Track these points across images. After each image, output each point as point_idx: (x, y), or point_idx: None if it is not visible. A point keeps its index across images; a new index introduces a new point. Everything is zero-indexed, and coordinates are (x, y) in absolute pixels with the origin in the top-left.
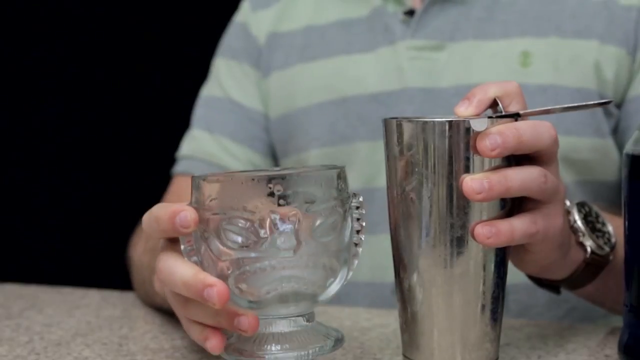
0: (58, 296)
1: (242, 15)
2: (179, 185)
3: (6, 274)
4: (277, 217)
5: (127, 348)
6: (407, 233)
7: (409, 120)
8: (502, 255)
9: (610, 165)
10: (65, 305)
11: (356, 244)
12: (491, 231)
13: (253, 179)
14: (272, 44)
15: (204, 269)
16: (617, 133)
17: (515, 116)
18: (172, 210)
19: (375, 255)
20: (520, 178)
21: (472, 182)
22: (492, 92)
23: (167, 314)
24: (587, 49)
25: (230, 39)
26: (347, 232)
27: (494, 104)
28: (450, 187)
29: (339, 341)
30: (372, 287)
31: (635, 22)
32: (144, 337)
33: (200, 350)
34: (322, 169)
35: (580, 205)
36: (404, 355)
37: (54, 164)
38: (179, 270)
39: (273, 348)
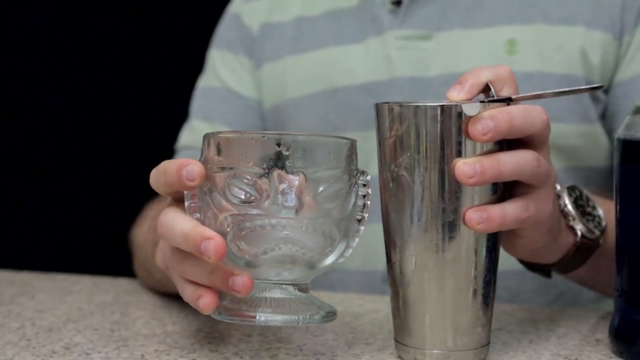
0: (50, 282)
1: (235, 6)
2: None
3: None
4: (282, 176)
5: (119, 334)
6: (398, 218)
7: (401, 104)
8: (493, 240)
9: (599, 150)
10: (57, 291)
11: (359, 220)
12: (482, 217)
13: (263, 136)
14: (264, 34)
15: (204, 224)
16: (606, 118)
17: (507, 101)
18: (179, 163)
19: (366, 243)
20: (513, 162)
21: (465, 166)
22: (484, 76)
23: (162, 296)
24: (573, 35)
25: (223, 29)
26: (351, 204)
27: (486, 89)
28: (442, 172)
29: (330, 314)
30: (364, 275)
31: (621, 7)
32: (135, 323)
33: (192, 335)
34: (332, 137)
35: (571, 189)
36: (396, 340)
37: (46, 152)
38: (179, 223)
39: (264, 311)
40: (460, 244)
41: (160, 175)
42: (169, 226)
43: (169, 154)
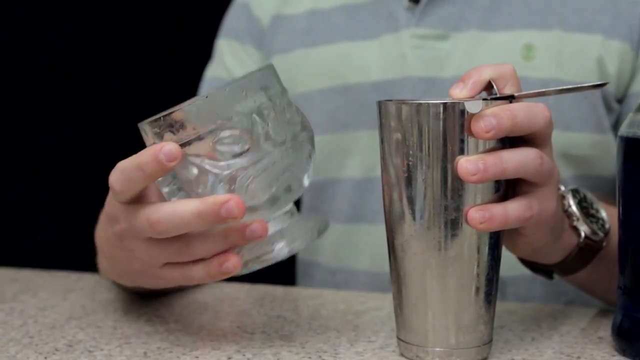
0: (52, 280)
1: None
2: None
3: (0, 257)
4: (261, 114)
5: (122, 331)
6: (401, 216)
7: (404, 102)
8: (496, 238)
9: (610, 160)
10: (60, 288)
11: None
12: (484, 216)
13: (226, 89)
14: (275, 26)
15: (200, 196)
16: (617, 128)
17: (510, 98)
18: (153, 151)
19: (375, 244)
20: (516, 159)
21: (467, 164)
22: (486, 74)
23: (164, 293)
24: (591, 44)
25: (232, 19)
26: (296, 113)
27: (488, 87)
28: (444, 170)
29: (325, 221)
30: (371, 276)
31: None
32: (138, 321)
33: (195, 333)
34: (261, 70)
35: (575, 191)
36: (398, 338)
37: (47, 148)
38: (182, 208)
39: (280, 244)
40: (462, 241)
41: (135, 171)
42: (173, 217)
43: None
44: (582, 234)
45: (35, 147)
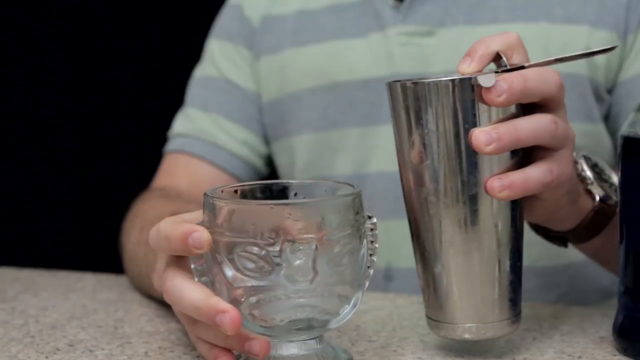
0: (53, 280)
1: None
2: (172, 163)
3: (1, 257)
4: (294, 246)
5: (123, 331)
6: (420, 196)
7: (414, 82)
8: (518, 209)
9: (602, 151)
10: (61, 288)
11: (368, 267)
12: (503, 184)
13: (271, 207)
14: (264, 27)
15: (215, 290)
16: (609, 119)
17: (520, 69)
18: (184, 231)
19: None
20: (530, 126)
21: (481, 135)
22: (494, 46)
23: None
24: (578, 35)
25: (224, 20)
26: (363, 258)
27: (496, 58)
28: (459, 146)
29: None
30: None
31: (626, 7)
32: (139, 320)
33: None
34: (340, 197)
35: (586, 157)
36: (428, 317)
37: (47, 147)
38: (188, 293)
39: None
40: (484, 216)
41: (163, 241)
42: (178, 296)
43: None
44: (597, 197)
45: (35, 147)
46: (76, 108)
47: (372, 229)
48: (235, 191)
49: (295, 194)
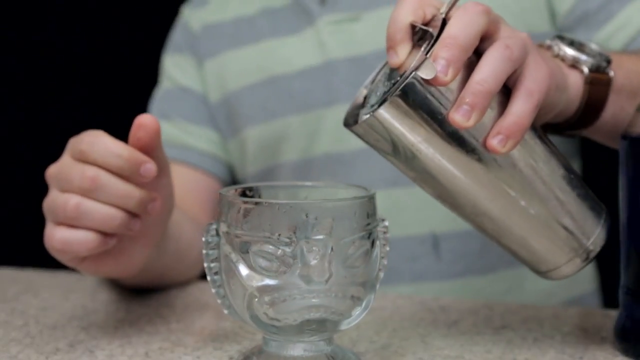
0: (53, 280)
1: (183, 16)
2: None
3: (1, 257)
4: (311, 248)
5: (123, 331)
6: (466, 197)
7: (366, 116)
8: (538, 135)
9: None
10: (61, 289)
11: (380, 270)
12: (501, 139)
13: (289, 207)
14: (205, 34)
15: (229, 289)
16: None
17: (443, 26)
18: (137, 157)
19: None
20: (490, 71)
21: (456, 115)
22: (403, 20)
23: (166, 293)
24: None
25: (173, 36)
26: (376, 260)
27: (412, 27)
28: (448, 135)
29: None
30: None
31: None
32: (139, 321)
33: (196, 333)
34: (356, 199)
35: (561, 37)
36: (543, 272)
37: (47, 147)
38: (112, 142)
39: None
40: (513, 165)
41: (102, 149)
42: (101, 145)
43: None
44: (585, 69)
45: (35, 147)
46: (76, 108)
47: (384, 232)
48: (250, 190)
49: (306, 197)
